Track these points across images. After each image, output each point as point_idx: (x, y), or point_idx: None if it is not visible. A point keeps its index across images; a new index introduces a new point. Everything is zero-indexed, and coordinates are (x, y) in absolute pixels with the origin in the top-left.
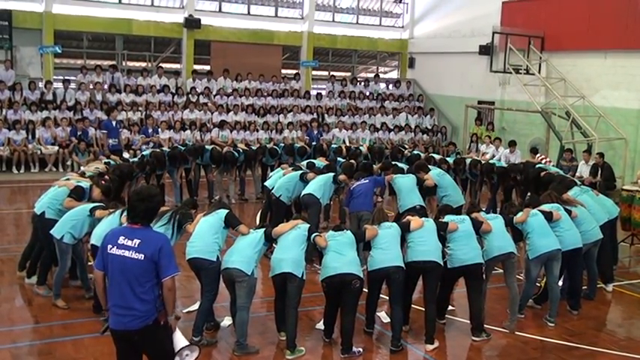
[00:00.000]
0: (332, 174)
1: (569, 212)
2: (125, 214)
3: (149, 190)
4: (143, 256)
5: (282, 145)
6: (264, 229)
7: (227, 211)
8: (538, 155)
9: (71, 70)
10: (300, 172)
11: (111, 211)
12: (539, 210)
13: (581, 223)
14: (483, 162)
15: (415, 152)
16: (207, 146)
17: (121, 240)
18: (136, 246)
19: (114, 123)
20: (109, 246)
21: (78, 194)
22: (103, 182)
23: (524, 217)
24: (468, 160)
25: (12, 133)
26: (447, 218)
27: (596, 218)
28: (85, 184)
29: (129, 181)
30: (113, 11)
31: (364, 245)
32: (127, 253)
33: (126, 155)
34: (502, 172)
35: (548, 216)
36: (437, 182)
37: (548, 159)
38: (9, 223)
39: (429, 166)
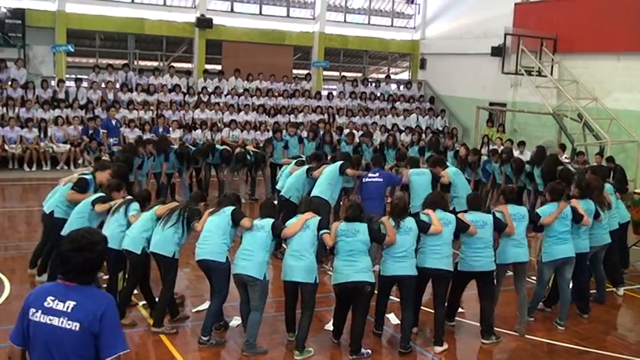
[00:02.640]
0: (338, 164)
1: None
2: (131, 212)
3: (90, 237)
4: (78, 325)
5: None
6: (271, 224)
7: (233, 207)
8: (565, 156)
9: (83, 68)
10: (306, 168)
11: (112, 204)
12: (573, 207)
13: (593, 227)
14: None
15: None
16: (217, 146)
17: (49, 302)
18: (69, 311)
19: (113, 122)
20: (32, 310)
21: (80, 186)
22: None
23: (550, 220)
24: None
25: (24, 131)
26: (472, 216)
27: (610, 223)
28: (88, 175)
29: (135, 158)
30: (126, 10)
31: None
32: (56, 321)
33: None
34: (519, 163)
35: (578, 218)
36: (452, 180)
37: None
38: (20, 221)
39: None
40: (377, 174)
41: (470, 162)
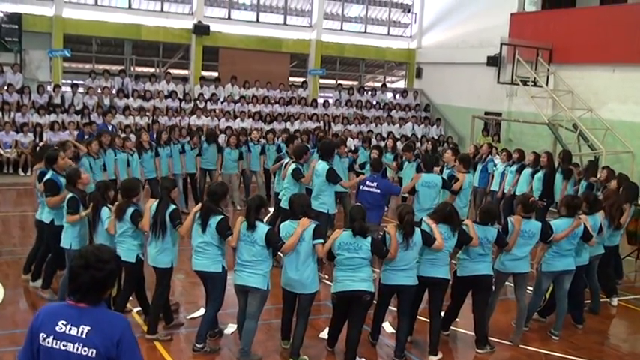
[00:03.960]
0: (324, 172)
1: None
2: (106, 223)
3: (99, 254)
4: (95, 351)
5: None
6: (265, 237)
7: (218, 220)
8: None
9: (80, 74)
10: (291, 170)
11: (82, 215)
12: (585, 224)
13: None
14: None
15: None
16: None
17: (61, 326)
18: (84, 336)
19: (110, 127)
20: (42, 335)
21: (52, 189)
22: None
23: (562, 237)
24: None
25: (20, 135)
26: (480, 229)
27: (612, 239)
28: (49, 173)
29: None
30: (123, 16)
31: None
32: (70, 347)
33: None
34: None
35: (588, 237)
36: (462, 189)
37: None
38: (14, 226)
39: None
40: (375, 183)
41: (478, 158)
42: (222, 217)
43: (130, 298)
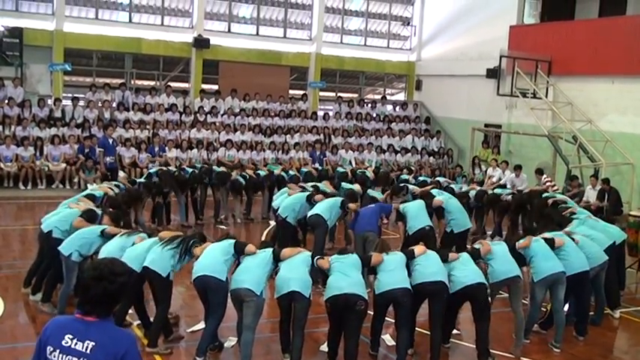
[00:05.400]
0: (340, 198)
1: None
2: (137, 234)
3: (112, 267)
4: None
5: (290, 174)
6: (272, 249)
7: (235, 240)
8: (544, 177)
9: (80, 87)
10: (308, 193)
11: (123, 232)
12: (541, 237)
13: (583, 248)
14: (490, 192)
15: (421, 178)
16: (215, 167)
17: (67, 340)
18: (89, 352)
19: (110, 141)
20: (49, 348)
21: (89, 216)
22: (112, 210)
23: (527, 242)
24: (473, 193)
25: (20, 149)
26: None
27: (598, 243)
28: (99, 210)
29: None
30: (123, 30)
31: (369, 269)
32: None
33: (121, 174)
34: (505, 205)
35: (551, 242)
36: (445, 205)
37: (552, 182)
38: (14, 240)
39: (435, 192)
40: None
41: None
42: (235, 240)
43: (130, 311)
